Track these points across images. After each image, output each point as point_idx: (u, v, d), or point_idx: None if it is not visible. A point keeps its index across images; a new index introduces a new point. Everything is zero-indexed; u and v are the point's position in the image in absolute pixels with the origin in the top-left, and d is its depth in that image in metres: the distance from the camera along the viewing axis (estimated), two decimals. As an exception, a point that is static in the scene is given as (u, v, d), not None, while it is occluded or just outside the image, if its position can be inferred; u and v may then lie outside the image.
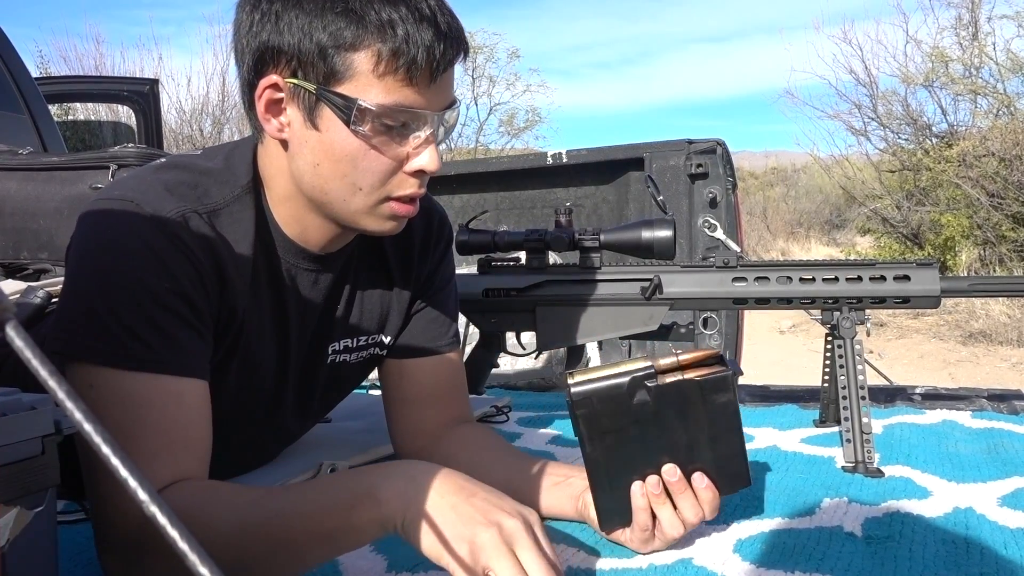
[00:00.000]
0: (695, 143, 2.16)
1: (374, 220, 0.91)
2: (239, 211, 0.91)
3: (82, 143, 5.48)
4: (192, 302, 0.85)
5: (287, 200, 0.93)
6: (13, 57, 2.84)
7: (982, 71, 8.77)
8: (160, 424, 0.81)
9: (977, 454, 1.23)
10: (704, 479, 0.87)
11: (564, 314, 1.42)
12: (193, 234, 0.85)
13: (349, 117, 0.83)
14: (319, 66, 0.82)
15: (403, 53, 0.81)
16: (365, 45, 0.81)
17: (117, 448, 0.33)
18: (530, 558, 0.69)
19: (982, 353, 6.33)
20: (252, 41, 0.86)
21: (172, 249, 0.83)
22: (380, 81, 0.82)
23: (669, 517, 0.86)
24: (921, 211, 9.39)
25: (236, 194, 0.91)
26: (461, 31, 0.86)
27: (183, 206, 0.85)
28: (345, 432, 1.39)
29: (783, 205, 16.28)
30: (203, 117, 10.62)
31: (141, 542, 0.75)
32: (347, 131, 0.84)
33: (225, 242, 0.89)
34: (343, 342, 1.08)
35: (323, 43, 0.82)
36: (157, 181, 0.87)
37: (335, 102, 0.83)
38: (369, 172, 0.86)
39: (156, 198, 0.85)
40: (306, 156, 0.87)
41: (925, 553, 0.86)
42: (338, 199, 0.89)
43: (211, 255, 0.87)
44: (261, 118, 0.87)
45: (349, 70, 0.82)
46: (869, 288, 1.28)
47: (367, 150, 0.85)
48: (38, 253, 2.10)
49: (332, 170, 0.87)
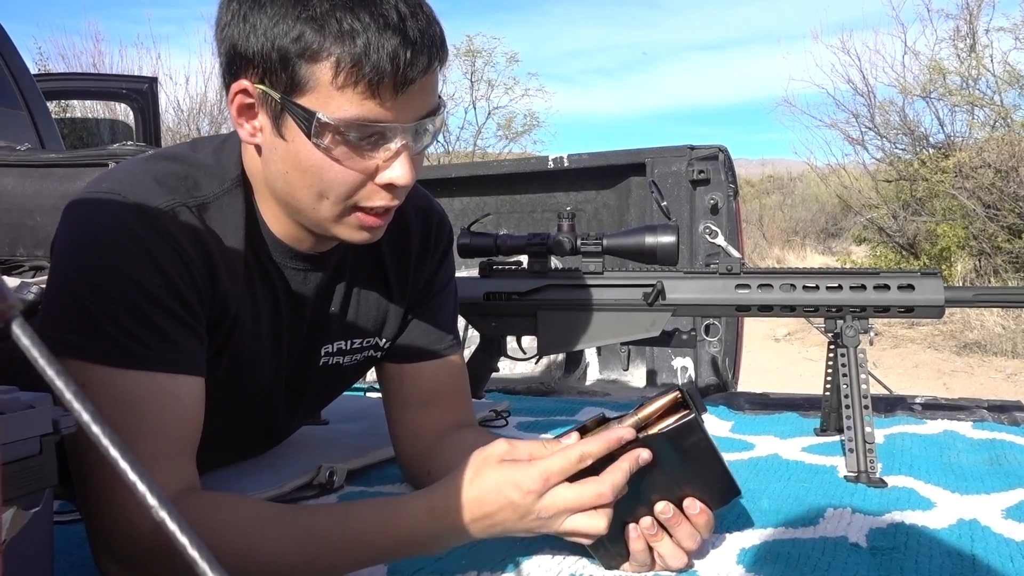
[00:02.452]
0: (697, 149, 2.16)
1: (343, 229, 0.88)
2: (228, 205, 0.89)
3: (79, 140, 5.46)
4: (183, 297, 0.83)
5: (267, 200, 0.91)
6: (12, 53, 2.82)
7: (979, 83, 8.79)
8: (156, 425, 0.79)
9: (979, 465, 1.23)
10: (696, 504, 0.85)
11: (565, 319, 1.41)
12: (183, 227, 0.83)
13: (310, 130, 0.79)
14: (282, 75, 0.79)
15: (363, 64, 0.76)
16: (325, 55, 0.77)
17: (127, 451, 0.32)
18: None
19: (977, 364, 6.34)
20: (224, 42, 0.82)
21: (162, 244, 0.81)
22: (340, 93, 0.78)
23: (670, 550, 0.84)
24: (917, 221, 9.41)
25: (226, 188, 0.89)
26: (436, 37, 0.81)
27: (172, 199, 0.83)
28: (344, 435, 1.37)
29: (779, 213, 16.31)
30: (201, 117, 10.61)
31: (149, 549, 0.74)
32: (310, 143, 0.81)
33: (215, 236, 0.87)
34: (337, 344, 1.06)
35: (285, 51, 0.78)
36: (146, 173, 0.85)
37: (297, 113, 0.80)
38: (335, 184, 0.83)
39: (145, 190, 0.82)
40: (276, 163, 0.85)
41: (931, 565, 0.85)
42: (307, 207, 0.86)
43: (201, 249, 0.85)
44: (235, 122, 0.85)
45: (310, 81, 0.78)
46: (873, 297, 1.27)
47: (330, 163, 0.82)
48: (34, 250, 2.08)
49: (299, 179, 0.84)
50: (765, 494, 1.09)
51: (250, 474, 1.13)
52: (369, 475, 1.21)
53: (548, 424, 1.55)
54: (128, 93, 3.88)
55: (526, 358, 1.52)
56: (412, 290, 1.09)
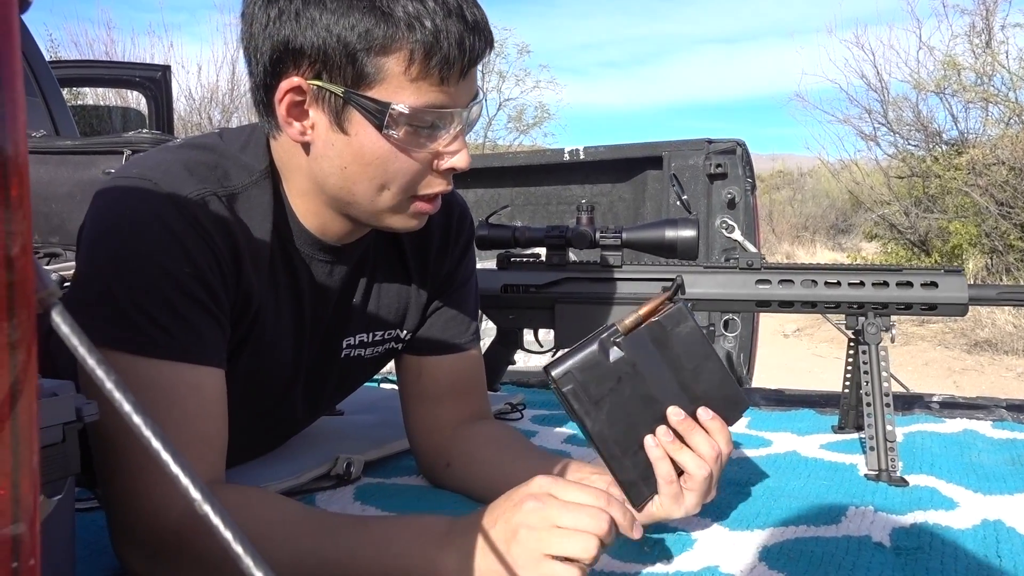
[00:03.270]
0: (715, 143, 2.14)
1: (399, 218, 0.89)
2: (257, 196, 0.89)
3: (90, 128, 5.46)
4: (211, 287, 0.82)
5: (305, 195, 0.90)
6: (27, 40, 2.82)
7: (994, 79, 8.73)
8: (180, 415, 0.79)
9: (1001, 465, 1.21)
10: (708, 411, 0.88)
11: (583, 312, 1.40)
12: (212, 217, 0.83)
13: (382, 121, 0.80)
14: (347, 69, 0.78)
15: (434, 51, 0.78)
16: (396, 47, 0.77)
17: (168, 443, 0.32)
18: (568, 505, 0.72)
19: (987, 362, 6.31)
20: (268, 40, 0.80)
21: (191, 232, 0.80)
22: (413, 84, 0.79)
23: (691, 458, 0.86)
24: (929, 218, 9.36)
25: (254, 179, 0.89)
26: (487, 22, 0.83)
27: (203, 188, 0.83)
28: (360, 426, 1.37)
29: (789, 209, 16.25)
30: (212, 105, 10.62)
31: (174, 541, 0.73)
32: (377, 135, 0.81)
33: (243, 226, 0.86)
34: (359, 336, 1.06)
35: (351, 44, 0.77)
36: (177, 161, 0.84)
37: (366, 106, 0.79)
38: (400, 174, 0.84)
39: (175, 178, 0.82)
40: (332, 159, 0.84)
41: (957, 566, 0.85)
42: (365, 199, 0.86)
43: (229, 239, 0.84)
44: (283, 121, 0.83)
45: (380, 73, 0.78)
46: (896, 294, 1.26)
47: (397, 153, 0.82)
48: (49, 237, 2.09)
49: (361, 173, 0.84)
50: (785, 492, 1.08)
51: (268, 464, 1.13)
52: (386, 466, 1.20)
53: (563, 418, 1.54)
54: (141, 81, 3.88)
55: (543, 351, 1.51)
56: (433, 282, 1.09)
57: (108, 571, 0.83)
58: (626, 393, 0.87)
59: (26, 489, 0.33)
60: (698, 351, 0.90)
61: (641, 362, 0.87)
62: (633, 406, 0.87)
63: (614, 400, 0.86)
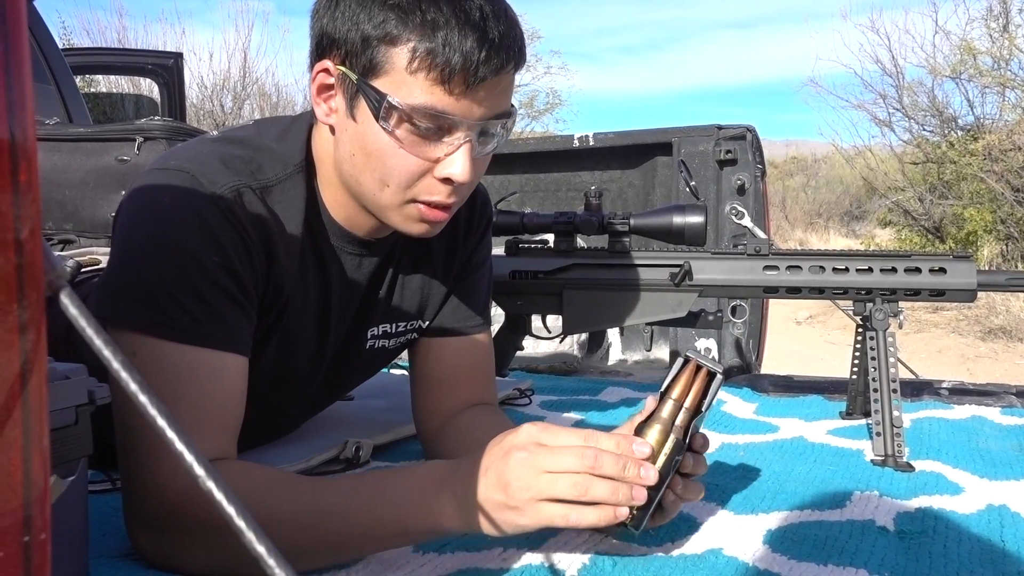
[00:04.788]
0: (724, 129, 2.13)
1: (402, 219, 0.89)
2: (291, 189, 0.91)
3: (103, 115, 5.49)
4: (240, 278, 0.85)
5: (332, 184, 0.93)
6: (40, 27, 2.83)
7: (1011, 64, 8.63)
8: (200, 398, 0.81)
9: (1008, 451, 1.21)
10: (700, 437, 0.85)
11: (591, 298, 1.41)
12: (246, 210, 0.85)
13: (379, 112, 0.81)
14: (361, 57, 0.82)
15: (437, 53, 0.79)
16: (403, 41, 0.79)
17: (173, 421, 0.33)
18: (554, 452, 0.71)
19: (1001, 349, 6.27)
20: (315, 26, 0.86)
21: (225, 223, 0.83)
22: (412, 79, 0.80)
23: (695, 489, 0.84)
24: (944, 204, 9.29)
25: (289, 172, 0.91)
26: (515, 41, 0.83)
27: (238, 181, 0.85)
28: (369, 411, 1.38)
29: (802, 195, 16.16)
30: (224, 93, 10.63)
31: (178, 515, 0.75)
32: (377, 126, 0.83)
33: (276, 219, 0.89)
34: (382, 327, 1.08)
35: (367, 34, 0.81)
36: (213, 153, 0.87)
37: (369, 95, 0.82)
38: (396, 170, 0.85)
39: (212, 170, 0.84)
40: (345, 145, 0.87)
41: (960, 550, 0.85)
42: (370, 191, 0.88)
43: (262, 232, 0.87)
44: (313, 100, 0.88)
45: (386, 64, 0.81)
46: (904, 280, 1.26)
47: (396, 148, 0.83)
48: (63, 224, 2.10)
49: (364, 163, 0.86)
50: (791, 476, 1.09)
51: (278, 446, 1.14)
52: (394, 451, 1.22)
53: (571, 403, 1.55)
54: (154, 68, 3.89)
55: (551, 337, 1.51)
56: (456, 269, 1.10)
57: (122, 551, 0.84)
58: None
59: (37, 467, 0.34)
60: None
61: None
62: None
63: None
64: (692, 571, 0.81)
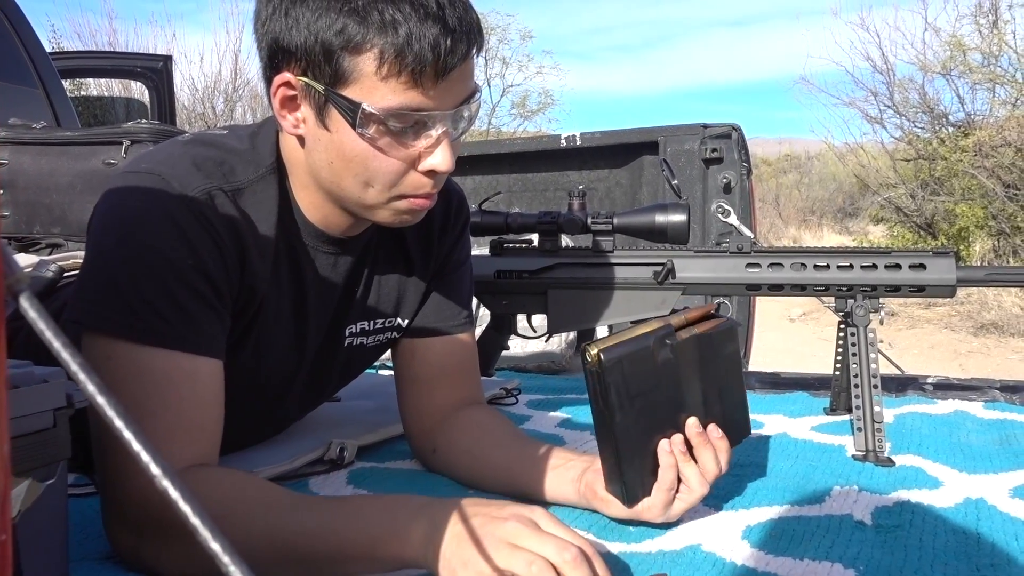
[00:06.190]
0: (710, 127, 2.14)
1: (389, 214, 0.90)
2: (263, 191, 0.91)
3: (94, 118, 5.48)
4: (213, 280, 0.85)
5: (306, 188, 0.93)
6: (27, 31, 2.83)
7: (1001, 60, 8.67)
8: (175, 402, 0.81)
9: (989, 445, 1.22)
10: (718, 430, 0.89)
11: (576, 297, 1.42)
12: (218, 212, 0.85)
13: (355, 121, 0.81)
14: (326, 67, 0.81)
15: (405, 54, 0.78)
16: (368, 47, 0.79)
17: (131, 422, 0.33)
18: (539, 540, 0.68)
19: (993, 344, 6.29)
20: (265, 35, 0.85)
21: (196, 226, 0.83)
22: (384, 83, 0.80)
23: (694, 473, 0.87)
24: (935, 201, 9.31)
25: (260, 174, 0.91)
26: (473, 24, 0.83)
27: (209, 183, 0.85)
28: (355, 411, 1.39)
29: (796, 192, 16.18)
30: (215, 95, 10.61)
31: (157, 520, 0.75)
32: (354, 134, 0.82)
33: (249, 221, 0.89)
34: (360, 324, 1.08)
35: (329, 43, 0.80)
36: (184, 156, 0.87)
37: (341, 105, 0.81)
38: (380, 173, 0.85)
39: (184, 173, 0.84)
40: (320, 153, 0.87)
41: (935, 543, 0.86)
42: (353, 195, 0.88)
43: (234, 234, 0.87)
44: (277, 114, 0.87)
45: (354, 72, 0.80)
46: (884, 276, 1.27)
47: (375, 152, 0.84)
48: (51, 227, 2.10)
49: (344, 169, 0.86)
50: (773, 472, 1.10)
51: (261, 449, 1.14)
52: (380, 451, 1.22)
53: (558, 402, 1.56)
54: (143, 71, 3.88)
55: (536, 336, 1.52)
56: (433, 268, 1.11)
57: (103, 554, 0.85)
58: (659, 396, 0.85)
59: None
60: (732, 372, 0.90)
61: (683, 369, 0.86)
62: (660, 409, 0.85)
63: (647, 399, 0.84)
64: (670, 567, 0.81)
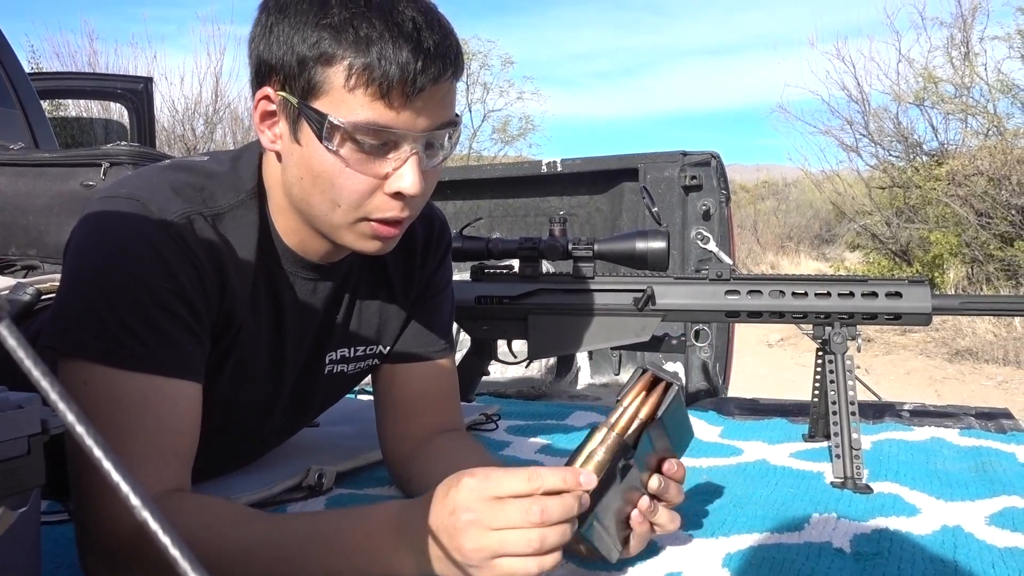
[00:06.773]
0: (689, 155, 2.17)
1: (355, 238, 0.89)
2: (243, 216, 0.91)
3: (72, 140, 5.44)
4: (192, 305, 0.84)
5: (284, 211, 0.93)
6: (6, 50, 2.82)
7: (973, 91, 8.84)
8: (152, 426, 0.80)
9: (965, 472, 1.23)
10: (674, 463, 0.89)
11: (556, 323, 1.42)
12: (197, 237, 0.85)
13: (321, 133, 0.81)
14: (299, 79, 0.81)
15: (374, 68, 0.79)
16: (339, 59, 0.79)
17: (110, 452, 0.33)
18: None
19: (968, 371, 6.36)
20: (252, 53, 0.86)
21: (175, 250, 0.83)
22: (352, 96, 0.80)
23: (666, 516, 0.86)
24: (910, 228, 9.45)
25: (241, 199, 0.91)
26: (451, 49, 0.83)
27: (188, 208, 0.85)
28: (334, 437, 1.38)
29: (773, 219, 16.36)
30: (196, 117, 10.59)
31: (131, 548, 0.74)
32: (323, 148, 0.82)
33: (228, 246, 0.88)
34: (340, 351, 1.07)
35: (303, 55, 0.81)
36: (164, 181, 0.87)
37: (311, 117, 0.82)
38: (346, 190, 0.84)
39: (162, 198, 0.84)
40: (292, 169, 0.87)
41: (914, 571, 0.86)
42: (320, 213, 0.88)
43: (213, 258, 0.86)
44: (257, 128, 0.88)
45: (324, 84, 0.81)
46: (861, 304, 1.28)
47: (342, 167, 0.83)
48: (27, 249, 2.09)
49: (312, 185, 0.86)
50: (752, 500, 1.10)
51: (240, 475, 1.13)
52: (359, 477, 1.21)
53: (538, 428, 1.55)
54: (123, 93, 3.87)
55: (517, 362, 1.52)
56: (415, 293, 1.10)
57: (75, 583, 0.83)
58: (621, 484, 0.83)
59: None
60: (683, 416, 0.90)
61: (639, 457, 0.84)
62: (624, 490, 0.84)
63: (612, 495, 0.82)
64: (650, 595, 0.81)
